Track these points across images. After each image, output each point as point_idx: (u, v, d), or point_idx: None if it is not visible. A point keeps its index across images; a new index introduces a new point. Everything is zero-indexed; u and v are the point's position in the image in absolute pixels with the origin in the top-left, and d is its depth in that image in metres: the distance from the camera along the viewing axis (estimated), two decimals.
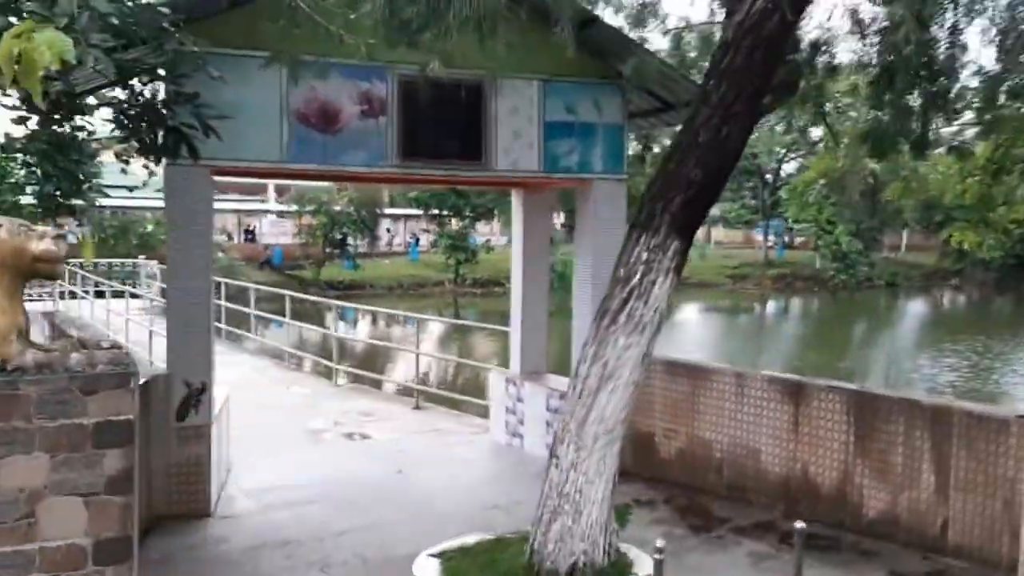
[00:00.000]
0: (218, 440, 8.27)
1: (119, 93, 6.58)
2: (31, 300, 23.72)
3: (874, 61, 7.18)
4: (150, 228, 36.30)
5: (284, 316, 16.18)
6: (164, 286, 12.76)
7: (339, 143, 8.20)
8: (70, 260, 24.56)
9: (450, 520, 7.45)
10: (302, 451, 10.01)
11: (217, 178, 8.50)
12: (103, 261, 26.85)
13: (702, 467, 8.54)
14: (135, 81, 6.69)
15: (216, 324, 18.45)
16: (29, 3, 4.14)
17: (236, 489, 8.56)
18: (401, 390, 14.06)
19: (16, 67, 2.40)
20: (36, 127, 7.38)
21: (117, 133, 6.93)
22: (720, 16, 8.03)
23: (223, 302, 18.02)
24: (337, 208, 42.36)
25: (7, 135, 7.20)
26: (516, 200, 10.71)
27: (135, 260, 25.93)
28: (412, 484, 8.81)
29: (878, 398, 7.40)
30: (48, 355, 3.69)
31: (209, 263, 8.00)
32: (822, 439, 7.62)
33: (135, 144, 6.98)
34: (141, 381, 7.83)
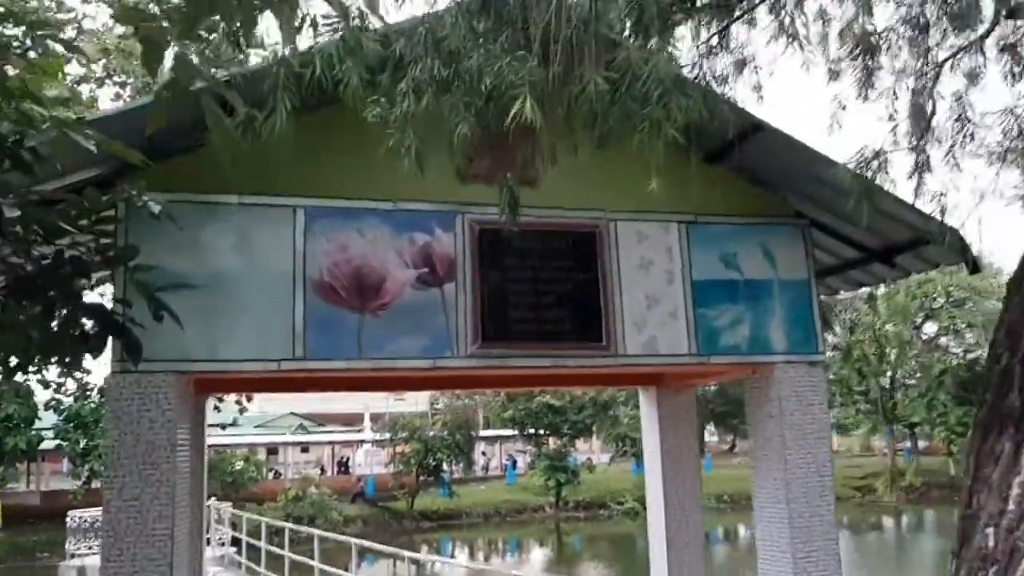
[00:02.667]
0: None
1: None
2: (90, 553, 20.73)
3: None
4: (239, 466, 33.68)
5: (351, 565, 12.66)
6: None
7: (384, 327, 5.11)
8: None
9: None
10: None
11: (315, 405, 5.53)
12: None
13: None
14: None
15: None
16: None
17: None
18: None
19: None
20: None
21: None
22: None
23: (287, 552, 14.64)
24: (431, 433, 39.25)
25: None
26: (646, 402, 7.28)
27: (207, 503, 22.95)
28: None
29: None
30: None
31: (177, 529, 4.74)
32: None
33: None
34: None
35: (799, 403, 5.67)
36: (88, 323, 3.88)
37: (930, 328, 44.95)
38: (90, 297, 5.08)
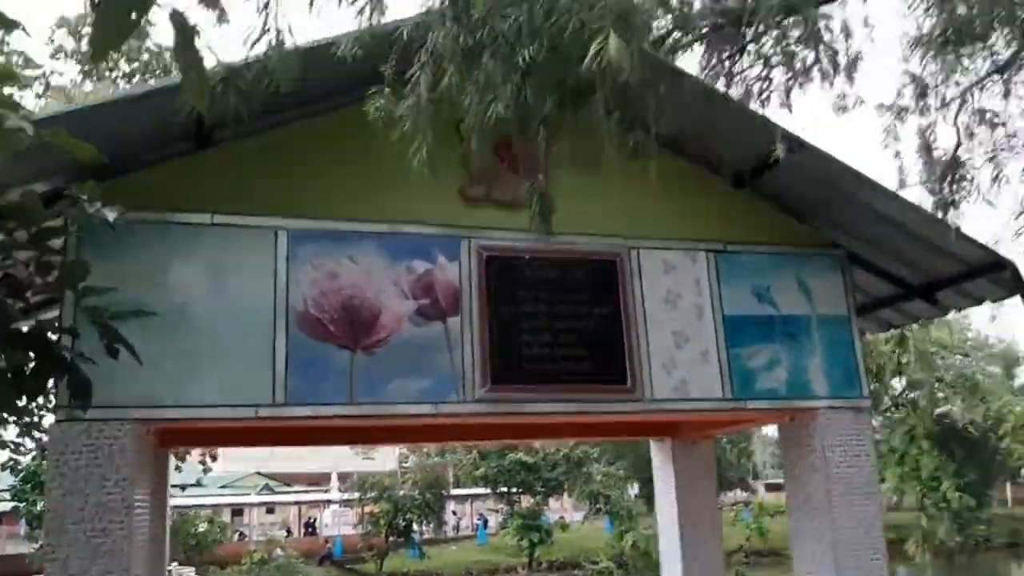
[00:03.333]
0: None
1: None
2: None
3: None
4: (202, 528, 32.02)
5: None
6: None
7: (378, 367, 4.36)
8: None
9: None
10: None
11: (281, 465, 4.84)
12: None
13: None
14: None
15: None
16: None
17: None
18: None
19: None
20: None
21: None
22: None
23: None
24: (400, 492, 37.83)
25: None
26: (660, 455, 6.54)
27: (169, 568, 21.49)
28: None
29: None
30: None
31: None
32: None
33: None
34: None
35: (844, 454, 4.98)
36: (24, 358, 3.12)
37: (898, 383, 44.71)
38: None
